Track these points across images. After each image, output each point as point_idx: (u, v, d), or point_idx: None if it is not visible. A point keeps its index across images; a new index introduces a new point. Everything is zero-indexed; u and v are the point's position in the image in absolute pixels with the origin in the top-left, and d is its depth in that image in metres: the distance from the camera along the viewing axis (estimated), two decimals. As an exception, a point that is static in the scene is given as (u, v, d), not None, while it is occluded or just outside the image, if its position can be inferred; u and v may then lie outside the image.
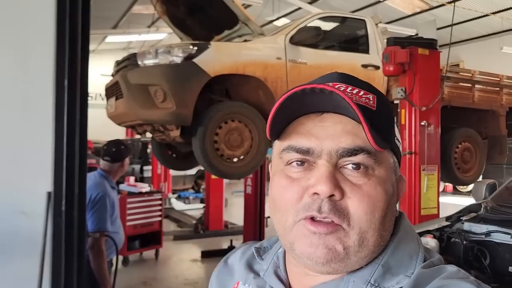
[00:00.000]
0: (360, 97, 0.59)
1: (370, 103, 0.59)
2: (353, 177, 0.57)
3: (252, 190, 6.29)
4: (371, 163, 0.58)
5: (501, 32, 12.87)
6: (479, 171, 5.31)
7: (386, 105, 0.63)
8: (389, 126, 0.61)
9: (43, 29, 2.26)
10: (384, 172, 0.59)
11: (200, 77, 3.69)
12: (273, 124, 0.60)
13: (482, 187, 3.18)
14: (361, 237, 0.56)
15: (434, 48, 4.25)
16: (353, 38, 4.89)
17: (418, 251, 0.60)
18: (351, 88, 0.60)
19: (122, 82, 3.75)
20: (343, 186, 0.57)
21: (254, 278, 0.69)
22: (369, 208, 0.56)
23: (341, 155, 0.57)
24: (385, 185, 0.58)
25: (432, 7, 11.80)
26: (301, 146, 0.59)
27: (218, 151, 3.82)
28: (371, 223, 0.56)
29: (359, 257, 0.57)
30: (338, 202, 0.56)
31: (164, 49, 3.74)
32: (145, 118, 3.79)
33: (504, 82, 5.47)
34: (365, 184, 0.57)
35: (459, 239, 2.55)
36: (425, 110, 4.11)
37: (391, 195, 0.60)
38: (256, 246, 0.75)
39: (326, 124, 0.59)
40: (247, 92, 4.13)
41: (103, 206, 2.80)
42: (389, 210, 0.59)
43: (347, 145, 0.57)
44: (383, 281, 0.58)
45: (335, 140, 0.57)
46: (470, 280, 0.54)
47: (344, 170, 0.58)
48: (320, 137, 0.58)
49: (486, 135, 5.49)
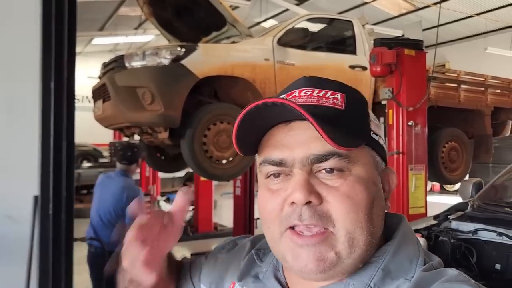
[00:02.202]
0: (327, 98, 0.60)
1: (338, 103, 0.60)
2: (328, 181, 0.57)
3: (241, 191, 6.28)
4: (344, 164, 0.57)
5: (486, 33, 13.07)
6: (465, 170, 5.37)
7: (357, 102, 0.63)
8: (360, 122, 0.61)
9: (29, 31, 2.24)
10: (362, 170, 0.58)
11: (188, 78, 3.67)
12: (241, 143, 0.61)
13: (468, 186, 3.22)
14: (349, 238, 0.56)
15: (420, 48, 4.29)
16: (340, 39, 4.92)
17: (418, 255, 0.60)
18: (317, 92, 0.60)
19: (110, 84, 3.72)
20: (320, 191, 0.57)
21: (254, 282, 0.69)
22: (351, 207, 0.56)
23: (312, 162, 0.57)
24: (365, 183, 0.58)
25: (418, 9, 11.93)
26: (274, 158, 0.59)
27: (207, 153, 3.81)
28: (357, 222, 0.56)
29: (352, 258, 0.57)
30: (319, 207, 0.56)
31: (152, 51, 3.72)
32: (133, 120, 3.76)
33: (489, 82, 5.55)
34: (341, 185, 0.57)
35: (447, 237, 2.58)
36: (412, 110, 4.14)
37: (375, 191, 0.59)
38: (256, 248, 0.75)
39: (296, 133, 0.59)
40: (235, 94, 4.13)
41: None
42: (375, 206, 0.59)
43: (317, 151, 0.57)
44: (382, 285, 0.57)
45: (305, 147, 0.57)
46: (471, 283, 0.54)
47: (319, 175, 0.58)
48: (291, 146, 0.58)
49: (472, 134, 5.56)
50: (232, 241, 0.83)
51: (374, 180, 0.60)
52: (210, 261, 0.80)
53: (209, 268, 0.79)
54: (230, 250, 0.80)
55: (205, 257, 0.83)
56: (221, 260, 0.79)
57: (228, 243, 0.83)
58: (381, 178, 0.63)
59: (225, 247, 0.82)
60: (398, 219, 0.65)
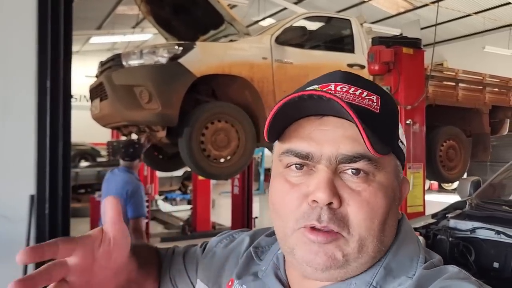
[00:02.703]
0: (363, 98, 0.58)
1: (373, 106, 0.58)
2: (352, 183, 0.56)
3: (239, 190, 6.28)
4: (371, 169, 0.56)
5: (483, 32, 13.08)
6: (463, 168, 5.38)
7: (391, 106, 0.61)
8: (392, 129, 0.60)
9: (25, 30, 2.22)
10: (385, 178, 0.57)
11: (185, 77, 3.66)
12: (271, 127, 0.58)
13: (466, 184, 3.22)
14: (360, 244, 0.55)
15: (418, 47, 4.29)
16: (339, 37, 4.91)
17: (418, 253, 0.60)
18: (353, 89, 0.58)
19: (107, 83, 3.71)
20: (342, 193, 0.55)
21: (253, 280, 0.68)
22: (368, 214, 0.55)
23: (340, 161, 0.56)
24: (385, 191, 0.57)
25: (416, 7, 11.94)
26: (301, 151, 0.57)
27: (204, 151, 3.80)
28: (371, 229, 0.56)
29: (359, 263, 0.57)
30: (338, 210, 0.55)
31: (149, 50, 3.71)
32: (131, 119, 3.75)
33: (486, 81, 5.55)
34: (364, 190, 0.56)
35: (445, 236, 2.58)
36: (410, 109, 4.14)
37: (392, 200, 0.58)
38: (254, 246, 0.73)
39: (327, 128, 0.57)
40: (233, 92, 4.12)
41: (139, 196, 3.39)
42: (390, 216, 0.58)
43: (346, 151, 0.55)
44: (384, 283, 0.57)
45: (335, 146, 0.56)
46: (472, 280, 0.53)
47: (343, 175, 0.56)
48: (320, 141, 0.56)
49: (470, 133, 5.57)
50: (230, 235, 0.82)
51: (394, 188, 0.59)
52: (207, 256, 0.79)
53: (206, 264, 0.78)
54: (228, 245, 0.78)
55: (201, 250, 0.82)
56: (218, 255, 0.77)
57: (226, 237, 0.81)
58: (399, 185, 0.62)
59: (222, 242, 0.80)
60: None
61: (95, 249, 0.57)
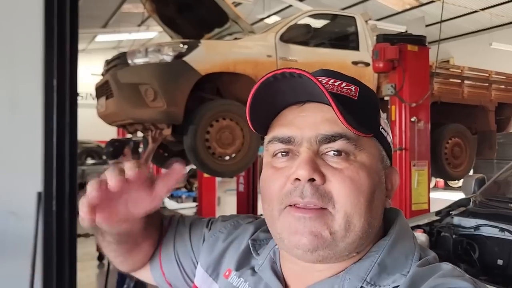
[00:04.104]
0: (341, 88, 0.61)
1: (351, 93, 0.61)
2: (334, 163, 0.58)
3: (244, 188, 6.30)
4: (351, 148, 0.58)
5: (490, 28, 12.97)
6: (469, 166, 5.36)
7: (370, 96, 0.64)
8: (371, 114, 0.62)
9: (31, 28, 2.25)
10: (367, 158, 0.59)
11: (190, 75, 3.68)
12: (253, 117, 0.61)
13: (471, 181, 3.21)
14: (347, 221, 0.56)
15: (423, 44, 4.28)
16: (343, 35, 4.90)
17: (413, 250, 0.60)
18: (333, 81, 0.61)
19: (112, 81, 3.74)
20: (324, 171, 0.57)
21: (252, 274, 0.69)
22: (352, 191, 0.57)
23: (320, 142, 0.58)
24: (368, 171, 0.58)
25: (422, 4, 11.86)
26: (283, 136, 0.60)
27: (209, 149, 3.82)
28: (356, 207, 0.57)
29: (346, 243, 0.57)
30: (321, 187, 0.57)
31: (154, 48, 3.73)
32: (136, 117, 3.78)
33: (493, 78, 5.52)
34: (346, 169, 0.57)
35: (449, 233, 2.57)
36: (415, 106, 4.13)
37: (377, 182, 0.60)
38: (253, 239, 0.74)
39: (307, 114, 0.60)
40: (238, 90, 4.13)
41: None
42: (375, 196, 0.59)
43: (325, 131, 0.58)
44: (379, 280, 0.58)
45: (314, 128, 0.58)
46: (466, 278, 0.54)
47: (325, 157, 0.58)
48: (301, 126, 0.59)
49: (475, 130, 5.54)
50: (235, 220, 0.82)
51: (378, 171, 0.61)
52: (211, 239, 0.79)
53: (207, 248, 0.78)
54: (231, 232, 0.78)
55: (207, 228, 0.82)
56: (220, 242, 0.77)
57: (231, 222, 0.81)
58: (385, 175, 0.63)
59: (226, 227, 0.80)
60: (395, 214, 0.66)
61: (143, 185, 0.63)
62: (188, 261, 0.80)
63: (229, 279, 0.71)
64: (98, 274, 5.37)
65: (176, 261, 0.80)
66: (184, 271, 0.80)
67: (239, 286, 0.69)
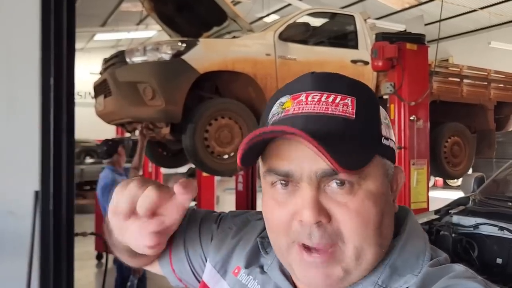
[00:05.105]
0: (336, 105, 0.56)
1: (348, 111, 0.56)
2: (338, 195, 0.55)
3: (243, 187, 6.29)
4: (354, 179, 0.55)
5: (489, 27, 12.99)
6: (468, 165, 5.35)
7: (368, 105, 0.59)
8: (371, 131, 0.58)
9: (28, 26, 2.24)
10: (372, 184, 0.56)
11: (189, 74, 3.67)
12: (244, 160, 0.57)
13: (470, 180, 3.21)
14: (356, 252, 0.55)
15: (422, 43, 4.26)
16: (342, 34, 4.90)
17: (424, 250, 0.59)
18: (326, 96, 0.57)
19: (111, 80, 3.72)
20: (329, 208, 0.55)
21: (261, 273, 0.68)
22: (360, 225, 0.55)
23: (321, 176, 0.55)
24: (374, 198, 0.56)
25: (421, 3, 11.87)
26: (281, 171, 0.57)
27: (208, 148, 3.81)
28: (365, 237, 0.55)
29: (360, 270, 0.57)
30: (328, 226, 0.55)
31: (153, 46, 3.72)
32: (134, 115, 3.77)
33: (492, 76, 5.52)
34: (351, 201, 0.55)
35: (448, 232, 2.57)
36: (414, 105, 4.12)
37: (384, 202, 0.58)
38: (261, 236, 0.72)
39: (304, 146, 0.55)
40: (236, 89, 4.12)
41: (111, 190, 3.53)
42: (384, 219, 0.57)
43: (325, 166, 0.54)
44: (390, 282, 0.57)
45: (313, 162, 0.54)
46: (478, 279, 0.53)
47: (328, 189, 0.56)
48: (299, 159, 0.55)
49: (474, 129, 5.54)
50: (244, 217, 0.80)
51: (384, 191, 0.58)
52: (219, 236, 0.78)
53: (216, 245, 0.77)
54: (240, 229, 0.77)
55: (216, 225, 0.80)
56: (229, 239, 0.76)
57: (240, 218, 0.80)
58: (390, 180, 0.61)
59: (236, 223, 0.79)
60: (405, 213, 0.64)
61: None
62: (197, 258, 0.79)
63: (238, 277, 0.70)
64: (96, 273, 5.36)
65: (186, 259, 0.79)
66: (194, 268, 0.79)
67: (248, 284, 0.68)
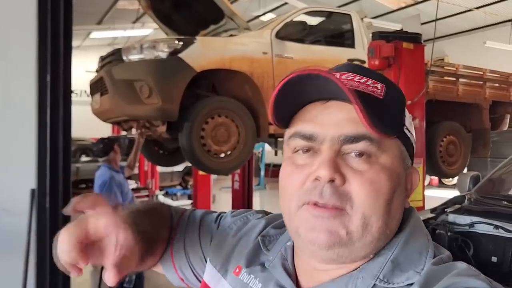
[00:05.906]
0: (367, 86, 0.60)
1: (377, 92, 0.60)
2: (355, 164, 0.57)
3: (239, 185, 6.29)
4: (373, 150, 0.57)
5: (485, 27, 13.03)
6: (463, 164, 5.38)
7: (396, 95, 0.63)
8: (395, 114, 0.61)
9: (25, 24, 2.23)
10: (389, 160, 0.58)
11: (186, 72, 3.66)
12: (277, 111, 0.61)
13: (466, 179, 3.22)
14: (364, 222, 0.56)
15: (419, 42, 4.27)
16: (339, 32, 4.91)
17: (427, 247, 0.60)
18: (359, 78, 0.60)
19: (107, 77, 3.71)
20: (345, 172, 0.57)
21: (262, 271, 0.68)
22: (372, 193, 0.56)
23: (343, 142, 0.57)
24: (389, 173, 0.58)
25: (417, 2, 11.89)
26: (306, 132, 0.59)
27: (205, 146, 3.81)
28: (375, 208, 0.56)
29: (363, 243, 0.57)
30: (341, 187, 0.56)
31: (149, 44, 3.71)
32: (131, 114, 3.76)
33: (487, 76, 5.54)
34: (367, 171, 0.57)
35: (444, 230, 2.58)
36: (410, 104, 4.13)
37: (397, 184, 0.59)
38: (262, 235, 0.73)
39: (331, 111, 0.59)
40: (233, 87, 4.12)
41: (110, 187, 3.65)
42: (395, 198, 0.58)
43: (349, 132, 0.57)
44: (392, 277, 0.57)
45: (338, 127, 0.58)
46: (481, 277, 0.53)
47: (347, 157, 0.58)
48: (324, 123, 0.58)
49: (470, 128, 5.56)
50: (244, 216, 0.81)
51: (399, 173, 0.60)
52: (219, 236, 0.79)
53: (216, 245, 0.78)
54: (241, 228, 0.78)
55: (216, 225, 0.81)
56: (230, 238, 0.77)
57: (240, 218, 0.81)
58: (406, 175, 0.62)
59: (236, 223, 0.80)
60: (408, 211, 0.65)
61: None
62: (197, 260, 0.79)
63: (240, 276, 0.70)
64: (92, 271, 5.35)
65: (187, 261, 0.80)
66: (195, 269, 0.80)
67: (249, 283, 0.68)
